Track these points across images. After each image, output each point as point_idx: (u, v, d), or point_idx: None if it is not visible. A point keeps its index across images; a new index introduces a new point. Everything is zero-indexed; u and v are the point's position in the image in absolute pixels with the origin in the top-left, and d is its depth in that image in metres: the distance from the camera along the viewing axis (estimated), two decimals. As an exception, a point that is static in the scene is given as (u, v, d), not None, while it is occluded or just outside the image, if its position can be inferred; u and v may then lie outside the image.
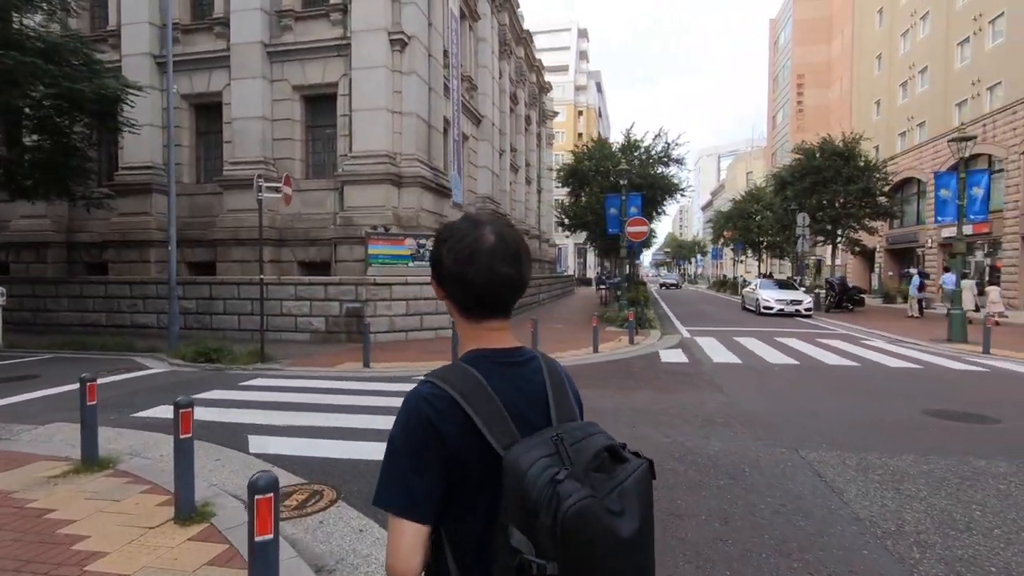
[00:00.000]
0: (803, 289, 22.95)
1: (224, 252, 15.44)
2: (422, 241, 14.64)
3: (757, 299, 20.91)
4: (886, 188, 24.68)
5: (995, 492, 3.97)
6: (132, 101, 12.98)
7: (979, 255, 26.15)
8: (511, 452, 0.92)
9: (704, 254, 77.16)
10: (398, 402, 5.38)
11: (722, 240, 46.46)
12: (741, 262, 47.05)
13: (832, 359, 10.07)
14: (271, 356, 10.34)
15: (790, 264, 49.87)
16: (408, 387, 5.31)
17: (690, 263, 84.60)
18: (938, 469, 4.43)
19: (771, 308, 20.01)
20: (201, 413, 6.37)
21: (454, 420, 0.96)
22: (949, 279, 23.37)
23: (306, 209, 15.76)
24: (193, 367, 9.62)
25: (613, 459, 0.93)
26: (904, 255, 32.78)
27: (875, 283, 34.36)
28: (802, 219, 23.99)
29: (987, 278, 24.42)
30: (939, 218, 13.47)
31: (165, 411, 6.57)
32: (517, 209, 30.70)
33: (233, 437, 5.49)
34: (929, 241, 28.63)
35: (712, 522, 3.52)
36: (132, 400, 7.15)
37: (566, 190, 24.46)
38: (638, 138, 19.07)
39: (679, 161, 19.75)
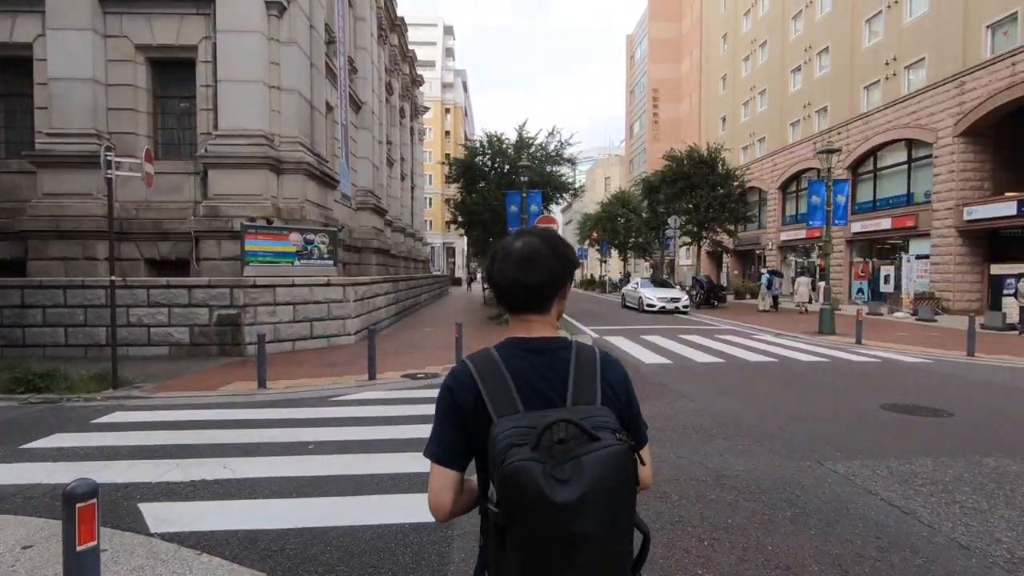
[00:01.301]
0: (679, 287, 24.42)
1: (39, 248, 12.17)
2: (309, 237, 12.79)
3: (640, 297, 21.75)
4: (740, 194, 27.15)
5: (1038, 495, 3.90)
6: None
7: (813, 256, 30.00)
8: (498, 420, 1.07)
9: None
10: (342, 436, 4.88)
11: (588, 241, 48.52)
12: (605, 262, 49.56)
13: (752, 356, 10.39)
14: (126, 379, 8.09)
15: (647, 264, 53.77)
16: (330, 412, 6.62)
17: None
18: (966, 474, 4.33)
19: (654, 306, 20.90)
20: (47, 473, 4.51)
21: (469, 392, 1.15)
22: (765, 279, 27.78)
23: (156, 196, 13.00)
24: (10, 401, 7.10)
25: (590, 439, 1.00)
26: (747, 256, 36.77)
27: (724, 281, 38.11)
28: (674, 221, 25.55)
29: (817, 275, 28.18)
30: (811, 222, 14.85)
31: (-16, 474, 4.53)
32: (393, 205, 28.95)
33: (116, 508, 3.81)
34: (770, 244, 32.32)
35: (831, 575, 2.91)
36: (-80, 460, 4.88)
37: (449, 186, 23.44)
38: (531, 135, 18.76)
39: (572, 161, 19.82)
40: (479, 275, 66.30)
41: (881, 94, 23.51)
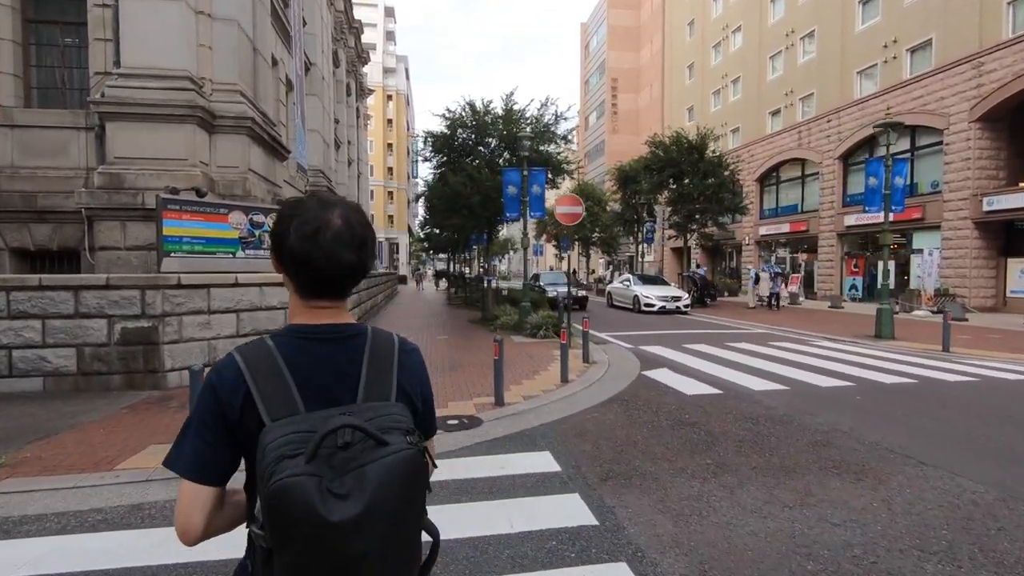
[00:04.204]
0: (675, 285, 22.23)
1: None
2: (258, 218, 9.33)
3: (635, 296, 19.36)
4: (732, 184, 25.27)
5: None
6: None
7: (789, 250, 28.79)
8: (271, 425, 0.90)
9: (515, 250, 77.71)
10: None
11: (545, 236, 45.96)
12: (563, 258, 47.22)
13: (877, 376, 7.89)
14: (-58, 454, 4.57)
15: (603, 261, 52.01)
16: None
17: (502, 260, 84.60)
18: None
19: (653, 306, 18.58)
20: None
21: (238, 391, 0.96)
22: (752, 274, 26.61)
23: (27, 159, 9.24)
24: None
25: (377, 443, 0.88)
26: (717, 251, 35.38)
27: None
28: (661, 212, 23.36)
29: (790, 269, 27.04)
30: (868, 207, 12.83)
31: None
32: (340, 193, 25.27)
33: None
34: (747, 239, 30.93)
35: None
36: None
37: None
38: (519, 106, 15.82)
39: (566, 138, 17.10)
40: (430, 273, 62.36)
41: (879, 78, 22.23)
